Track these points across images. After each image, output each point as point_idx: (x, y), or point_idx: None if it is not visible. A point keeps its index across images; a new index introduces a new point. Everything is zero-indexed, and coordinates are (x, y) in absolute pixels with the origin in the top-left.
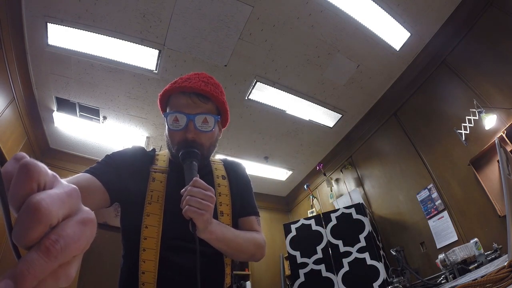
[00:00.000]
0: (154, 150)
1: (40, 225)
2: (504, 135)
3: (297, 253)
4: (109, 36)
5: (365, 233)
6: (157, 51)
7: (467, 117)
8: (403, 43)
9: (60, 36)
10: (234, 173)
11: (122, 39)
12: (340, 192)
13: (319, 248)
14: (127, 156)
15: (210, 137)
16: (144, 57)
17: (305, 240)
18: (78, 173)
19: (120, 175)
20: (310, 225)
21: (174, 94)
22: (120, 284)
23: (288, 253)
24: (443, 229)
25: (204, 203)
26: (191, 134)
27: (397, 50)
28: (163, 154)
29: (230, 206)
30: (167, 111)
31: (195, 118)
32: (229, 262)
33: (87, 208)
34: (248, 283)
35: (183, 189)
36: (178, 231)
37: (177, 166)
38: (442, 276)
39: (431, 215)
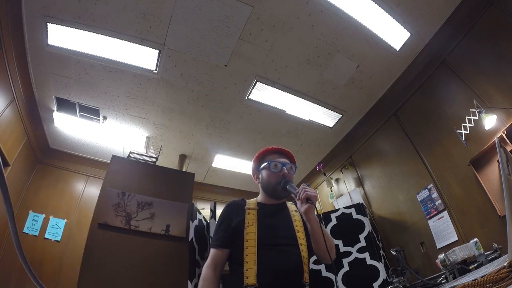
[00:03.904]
0: (244, 199)
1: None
2: (504, 135)
3: None
4: (109, 36)
5: (365, 233)
6: (157, 51)
7: (467, 117)
8: (403, 43)
9: (60, 36)
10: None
11: (122, 39)
12: (340, 192)
13: None
14: (235, 206)
15: (291, 179)
16: (144, 57)
17: None
18: (78, 173)
19: (232, 222)
20: None
21: (270, 153)
22: (230, 280)
23: None
24: (443, 229)
25: (314, 193)
26: (284, 174)
27: (397, 50)
28: (253, 202)
29: (303, 227)
30: (266, 162)
31: (286, 165)
32: (306, 262)
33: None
34: None
35: (297, 189)
36: (268, 240)
37: (264, 205)
38: (442, 276)
39: (431, 215)
